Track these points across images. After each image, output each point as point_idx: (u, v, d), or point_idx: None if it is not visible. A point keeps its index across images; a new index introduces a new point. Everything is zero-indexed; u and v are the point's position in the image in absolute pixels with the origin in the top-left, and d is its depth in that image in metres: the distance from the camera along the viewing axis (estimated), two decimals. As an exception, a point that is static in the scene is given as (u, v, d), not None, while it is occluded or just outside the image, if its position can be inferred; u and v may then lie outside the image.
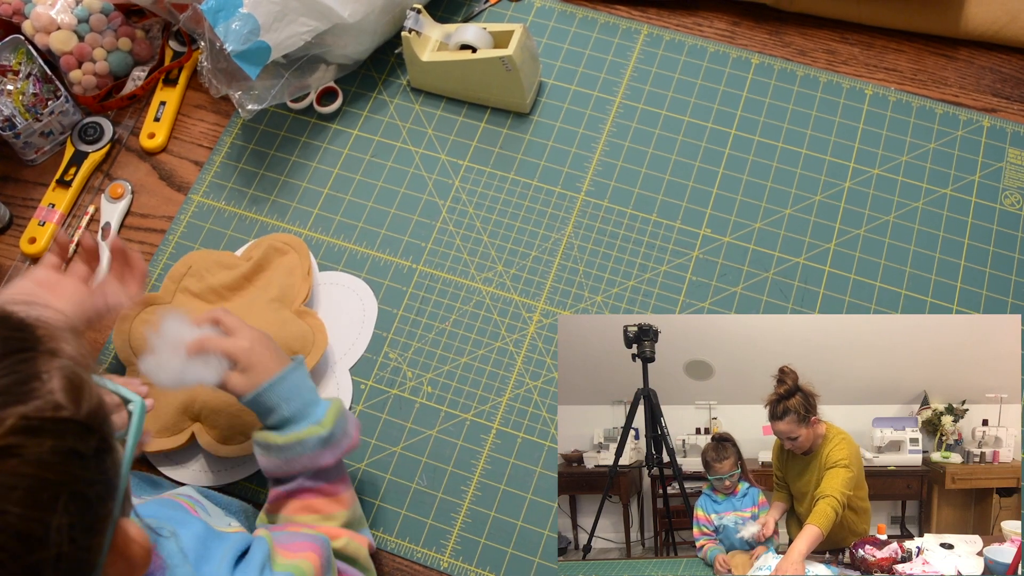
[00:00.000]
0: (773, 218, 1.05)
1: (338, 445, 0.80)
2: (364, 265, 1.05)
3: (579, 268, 1.03)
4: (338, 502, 0.80)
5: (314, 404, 0.80)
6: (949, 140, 1.08)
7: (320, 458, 0.79)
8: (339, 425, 0.80)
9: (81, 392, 0.50)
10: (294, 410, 0.79)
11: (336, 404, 0.81)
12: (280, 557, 0.70)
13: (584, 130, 1.10)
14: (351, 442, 0.81)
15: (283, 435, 0.78)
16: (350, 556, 0.78)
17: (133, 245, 1.08)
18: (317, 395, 0.82)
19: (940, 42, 1.14)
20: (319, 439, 0.78)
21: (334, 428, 0.79)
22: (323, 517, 0.79)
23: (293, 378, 0.80)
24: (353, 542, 0.79)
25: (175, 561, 0.62)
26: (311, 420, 0.79)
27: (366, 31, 1.08)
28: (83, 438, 0.49)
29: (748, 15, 1.17)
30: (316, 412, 0.80)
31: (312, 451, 0.78)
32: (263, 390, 0.79)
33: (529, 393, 0.97)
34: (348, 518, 0.81)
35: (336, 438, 0.80)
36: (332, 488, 0.80)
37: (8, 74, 1.12)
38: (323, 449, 0.79)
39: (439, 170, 1.09)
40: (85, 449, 0.49)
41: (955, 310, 0.99)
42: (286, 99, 1.09)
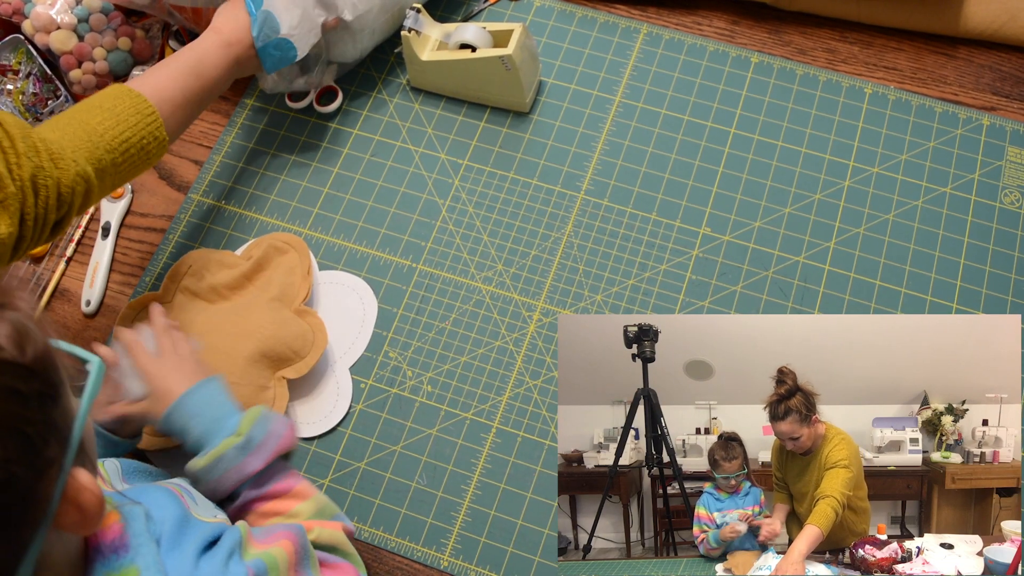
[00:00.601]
0: (773, 217, 1.05)
1: (263, 448, 0.79)
2: (364, 264, 1.05)
3: (579, 267, 1.03)
4: (294, 497, 0.80)
5: (227, 416, 0.80)
6: (949, 139, 1.08)
7: (246, 466, 0.78)
8: (257, 429, 0.79)
9: (26, 340, 0.52)
10: (205, 427, 0.79)
11: (252, 411, 0.81)
12: (252, 547, 0.70)
13: (584, 129, 1.10)
14: (280, 442, 0.80)
15: (203, 457, 0.78)
16: (326, 545, 0.77)
17: (133, 245, 1.08)
18: (233, 408, 0.82)
19: (939, 41, 1.14)
20: (236, 448, 0.78)
21: (251, 433, 0.79)
22: (286, 517, 0.79)
23: (198, 396, 0.81)
24: (326, 530, 0.78)
25: (140, 540, 0.62)
26: (225, 433, 0.79)
27: (365, 30, 1.08)
28: (25, 380, 0.52)
29: (747, 14, 1.17)
30: (229, 424, 0.80)
31: (236, 462, 0.78)
32: (168, 413, 0.80)
33: (529, 392, 0.97)
34: (312, 509, 0.80)
35: (257, 441, 0.79)
36: (283, 487, 0.80)
37: (8, 73, 1.13)
38: (247, 456, 0.78)
39: (439, 169, 1.09)
40: (26, 390, 0.52)
41: (955, 308, 0.99)
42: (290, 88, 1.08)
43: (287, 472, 0.81)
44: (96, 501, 0.56)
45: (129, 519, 0.63)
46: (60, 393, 0.55)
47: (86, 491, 0.55)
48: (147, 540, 0.63)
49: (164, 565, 0.62)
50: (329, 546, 0.78)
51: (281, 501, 0.80)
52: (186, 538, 0.66)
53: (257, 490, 0.79)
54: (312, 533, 0.76)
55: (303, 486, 0.81)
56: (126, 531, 0.62)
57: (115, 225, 1.09)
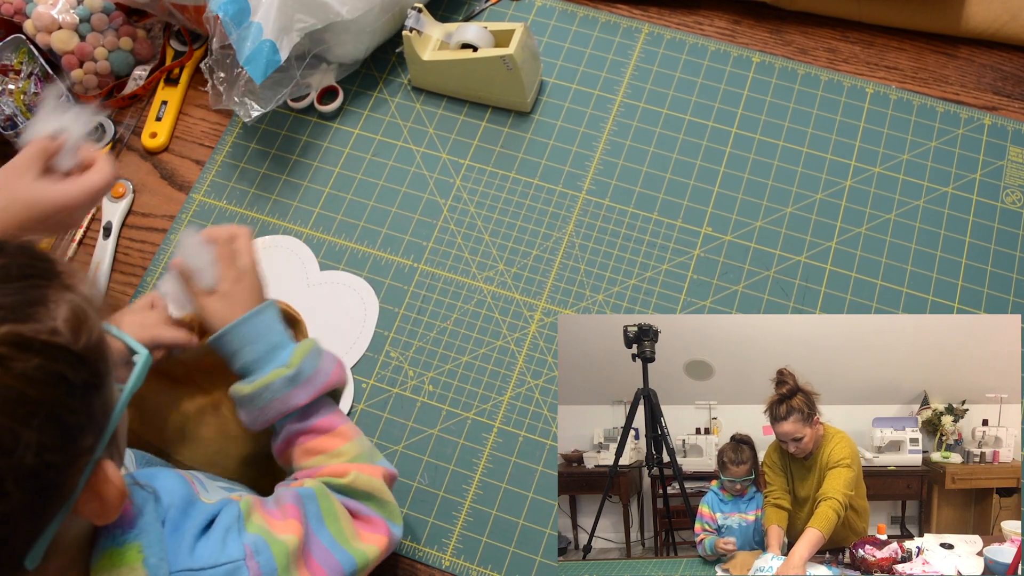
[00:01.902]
0: (774, 216, 1.05)
1: (311, 383, 0.78)
2: (365, 264, 1.05)
3: (580, 267, 1.04)
4: (338, 435, 0.78)
5: (281, 347, 0.79)
6: (950, 138, 1.08)
7: (292, 398, 0.77)
8: (308, 363, 0.78)
9: (82, 326, 0.53)
10: (258, 353, 0.78)
11: (305, 343, 0.80)
12: (257, 518, 0.69)
13: (585, 129, 1.10)
14: (328, 379, 0.79)
15: (250, 383, 0.77)
16: (361, 490, 0.76)
17: (134, 244, 1.08)
18: (286, 338, 0.80)
19: (941, 40, 1.14)
20: (285, 379, 0.77)
21: (301, 366, 0.77)
22: (328, 456, 0.77)
23: (258, 321, 0.79)
24: (363, 475, 0.76)
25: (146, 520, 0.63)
26: (277, 363, 0.78)
27: (366, 30, 1.08)
28: (74, 367, 0.52)
29: (749, 14, 1.17)
30: (282, 355, 0.78)
31: (281, 393, 0.77)
32: (223, 333, 0.78)
33: (530, 392, 0.98)
34: (355, 451, 0.78)
35: (306, 376, 0.77)
36: (327, 423, 0.78)
37: (10, 73, 1.13)
38: (293, 388, 0.77)
39: (440, 169, 1.10)
40: (74, 378, 0.52)
41: (956, 308, 1.00)
42: (287, 98, 1.09)
43: (332, 410, 0.80)
44: (118, 494, 0.57)
45: (137, 499, 0.64)
46: (105, 383, 0.55)
47: (110, 484, 0.56)
48: (153, 519, 0.63)
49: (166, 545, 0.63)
50: (365, 492, 0.76)
51: (325, 438, 0.78)
52: (188, 521, 0.66)
53: (301, 423, 0.78)
54: (348, 477, 0.75)
55: (347, 427, 0.80)
56: (132, 509, 0.63)
57: (116, 225, 1.09)
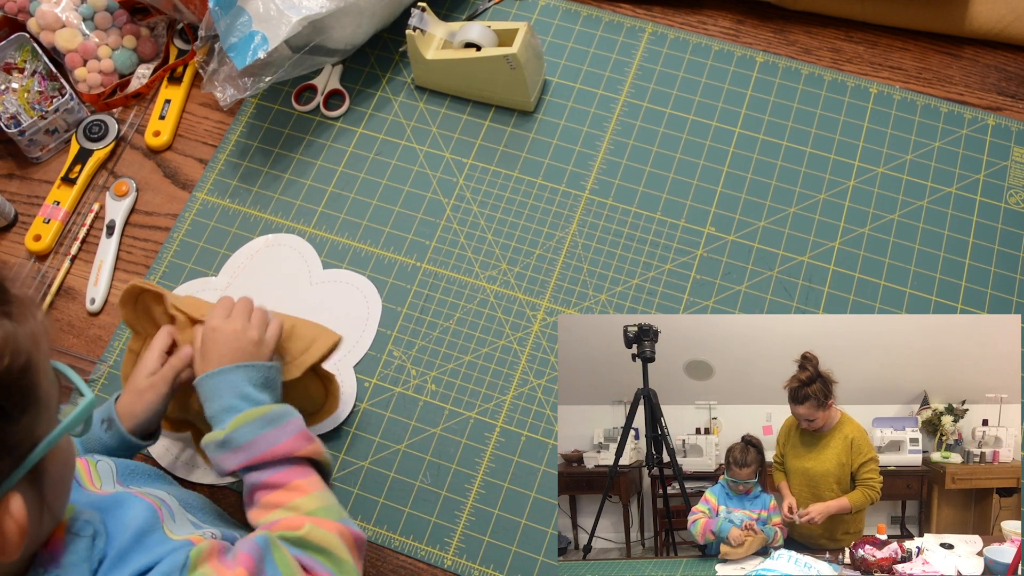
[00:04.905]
0: (777, 216, 1.05)
1: (243, 451, 0.78)
2: (368, 263, 1.05)
3: (583, 266, 1.04)
4: (294, 489, 0.78)
5: (232, 410, 0.79)
6: (954, 139, 1.08)
7: (223, 462, 0.79)
8: (244, 431, 0.78)
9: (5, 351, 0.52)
10: (213, 412, 0.80)
11: (246, 413, 0.79)
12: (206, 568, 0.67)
13: (588, 128, 1.11)
14: (273, 450, 0.78)
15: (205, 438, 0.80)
16: (315, 544, 0.73)
17: (137, 243, 1.09)
18: (243, 404, 0.80)
19: (945, 40, 1.14)
20: (215, 443, 0.79)
21: (233, 434, 0.78)
22: (285, 509, 0.77)
23: (222, 379, 0.80)
24: (318, 529, 0.74)
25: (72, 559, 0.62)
26: (219, 425, 0.79)
27: (366, 13, 1.08)
28: None
29: (752, 13, 1.17)
30: (225, 419, 0.79)
31: (214, 455, 0.79)
32: (197, 382, 0.82)
33: (533, 391, 0.98)
34: (313, 505, 0.77)
35: (236, 443, 0.78)
36: (281, 477, 0.78)
37: (13, 72, 1.13)
38: (225, 454, 0.78)
39: (443, 168, 1.10)
40: None
41: (960, 309, 1.00)
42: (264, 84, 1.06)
43: (292, 466, 0.79)
44: (17, 531, 0.55)
45: (74, 535, 0.63)
46: (28, 413, 0.54)
47: (10, 519, 0.55)
48: (81, 559, 0.62)
49: None
50: (319, 547, 0.74)
51: (282, 492, 0.78)
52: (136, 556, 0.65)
53: (256, 476, 0.79)
54: (303, 529, 0.74)
55: (306, 481, 0.79)
56: (64, 546, 0.62)
57: (120, 223, 1.09)
